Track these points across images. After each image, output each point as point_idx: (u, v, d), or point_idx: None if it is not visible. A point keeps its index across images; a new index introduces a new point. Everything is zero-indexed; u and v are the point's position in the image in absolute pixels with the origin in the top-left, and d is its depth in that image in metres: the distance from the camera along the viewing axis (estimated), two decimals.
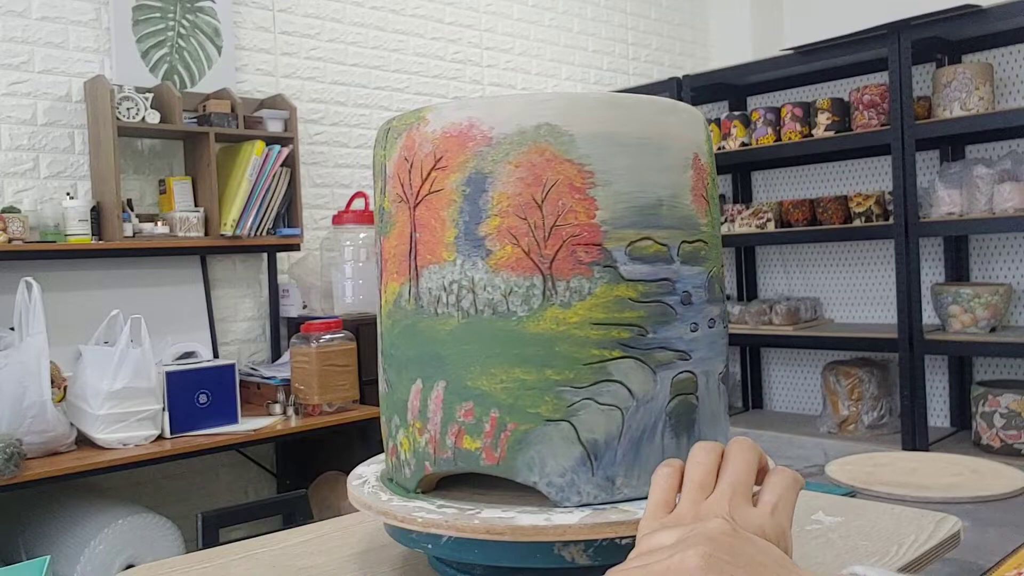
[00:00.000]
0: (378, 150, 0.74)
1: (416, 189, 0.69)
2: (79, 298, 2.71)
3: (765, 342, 3.72)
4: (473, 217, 0.66)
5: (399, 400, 0.72)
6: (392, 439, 0.74)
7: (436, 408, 0.68)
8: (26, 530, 2.43)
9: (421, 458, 0.70)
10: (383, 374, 0.76)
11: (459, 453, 0.67)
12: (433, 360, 0.68)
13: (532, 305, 0.65)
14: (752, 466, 0.54)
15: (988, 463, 1.44)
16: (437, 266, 0.67)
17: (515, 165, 0.66)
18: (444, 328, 0.67)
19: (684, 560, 0.44)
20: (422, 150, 0.68)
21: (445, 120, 0.68)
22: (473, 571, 0.71)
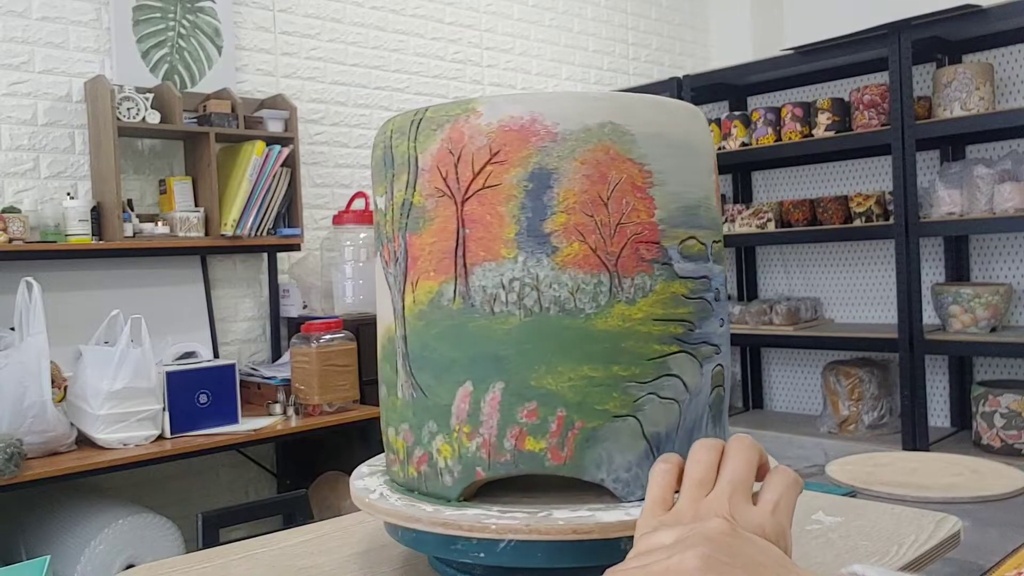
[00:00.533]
0: (399, 142, 0.70)
1: (466, 183, 0.67)
2: (79, 298, 2.71)
3: (765, 342, 3.72)
4: (537, 213, 0.65)
5: (437, 405, 0.69)
6: (422, 447, 0.70)
7: (492, 411, 0.66)
8: (26, 530, 2.43)
9: (470, 464, 0.67)
10: (406, 379, 0.71)
11: (520, 455, 0.66)
12: (488, 361, 0.66)
13: (599, 302, 0.65)
14: (752, 464, 0.54)
15: (988, 463, 1.44)
16: (494, 263, 0.66)
17: (581, 162, 0.66)
18: (502, 327, 0.66)
19: (683, 561, 0.44)
20: (473, 143, 0.67)
21: (502, 113, 0.66)
22: (473, 571, 0.71)
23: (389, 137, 0.72)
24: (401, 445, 0.72)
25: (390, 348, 0.73)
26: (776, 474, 0.54)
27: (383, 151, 0.72)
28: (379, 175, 0.73)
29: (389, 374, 0.73)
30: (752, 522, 0.50)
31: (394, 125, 0.71)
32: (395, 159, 0.71)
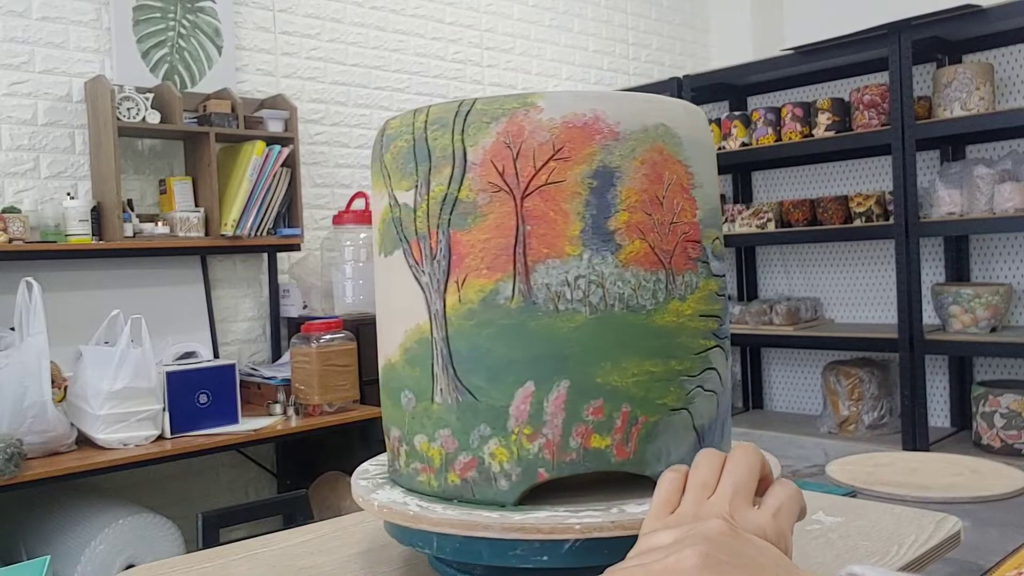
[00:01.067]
0: (439, 134, 0.68)
1: (526, 179, 0.66)
2: (79, 298, 2.71)
3: (765, 342, 3.72)
4: (601, 211, 0.66)
5: (491, 408, 0.66)
6: (469, 452, 0.67)
7: (556, 410, 0.66)
8: (26, 530, 2.43)
9: (531, 466, 0.66)
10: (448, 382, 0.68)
11: (587, 453, 0.66)
12: (553, 359, 0.65)
13: (658, 299, 0.67)
14: (755, 469, 0.54)
15: (988, 463, 1.44)
16: (558, 260, 0.65)
17: (640, 162, 0.67)
18: (568, 325, 0.65)
19: (681, 559, 0.44)
20: (534, 138, 0.66)
21: (564, 109, 0.66)
22: (473, 571, 0.71)
23: (423, 128, 0.69)
24: (437, 453, 0.69)
25: (420, 351, 0.69)
26: (779, 484, 0.54)
27: (410, 143, 0.69)
28: (401, 168, 0.70)
29: (417, 379, 0.70)
30: (753, 523, 0.50)
31: (428, 116, 0.68)
32: (432, 151, 0.68)
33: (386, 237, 0.72)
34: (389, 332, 0.73)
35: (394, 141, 0.71)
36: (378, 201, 0.74)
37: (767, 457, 0.77)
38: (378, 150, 0.74)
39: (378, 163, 0.73)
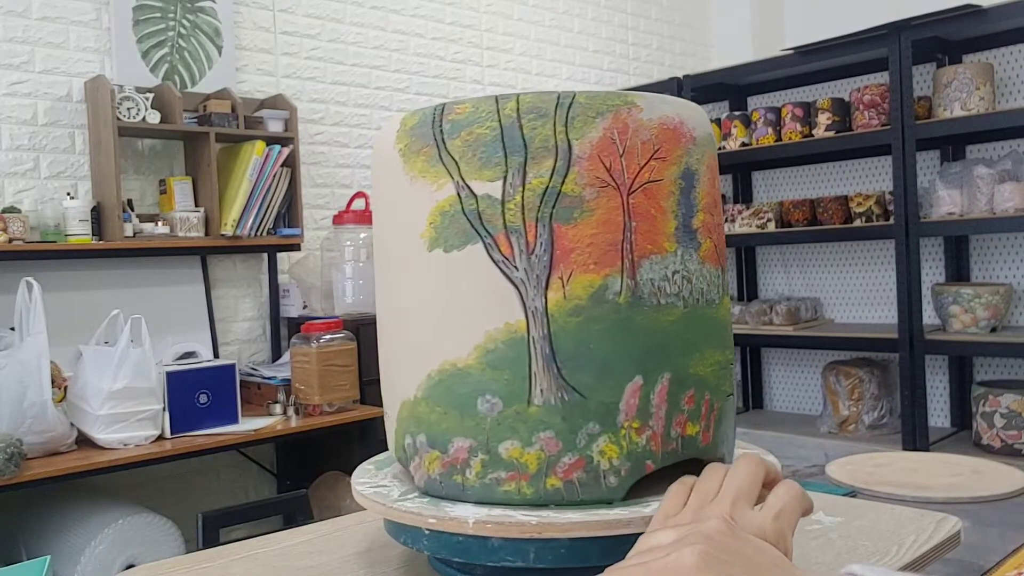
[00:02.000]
0: (538, 124, 0.66)
1: (632, 175, 0.66)
2: (79, 298, 2.71)
3: (765, 342, 3.72)
4: (687, 211, 0.69)
5: (600, 405, 0.65)
6: (575, 452, 0.66)
7: (661, 402, 0.67)
8: (26, 530, 2.43)
9: (640, 459, 0.66)
10: (551, 382, 0.65)
11: (684, 442, 0.68)
12: (657, 352, 0.67)
13: (720, 294, 0.72)
14: (757, 477, 0.55)
15: (988, 463, 1.44)
16: (659, 256, 0.67)
17: (707, 166, 0.72)
18: (668, 319, 0.67)
19: (680, 558, 0.45)
20: (637, 136, 0.67)
21: (659, 111, 0.68)
22: (474, 571, 0.71)
23: (514, 116, 0.66)
24: (535, 457, 0.66)
25: (510, 352, 0.65)
26: (783, 485, 0.55)
27: (495, 131, 0.66)
28: (481, 157, 0.66)
29: (506, 382, 0.66)
30: (752, 524, 0.51)
31: (519, 104, 0.66)
32: (530, 141, 0.66)
33: (449, 230, 0.67)
34: (449, 334, 0.68)
35: (467, 128, 0.67)
36: (426, 192, 0.68)
37: (768, 458, 0.78)
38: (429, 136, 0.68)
39: (431, 150, 0.68)
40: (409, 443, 0.71)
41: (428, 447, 0.69)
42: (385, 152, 0.72)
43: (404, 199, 0.70)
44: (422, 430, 0.70)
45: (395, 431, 0.74)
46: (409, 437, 0.71)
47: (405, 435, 0.72)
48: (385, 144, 0.73)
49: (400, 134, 0.70)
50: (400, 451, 0.73)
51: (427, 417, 0.69)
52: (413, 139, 0.69)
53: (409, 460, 0.72)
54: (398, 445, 0.74)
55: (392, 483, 0.75)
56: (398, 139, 0.70)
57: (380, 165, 0.74)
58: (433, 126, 0.68)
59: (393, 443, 0.75)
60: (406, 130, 0.70)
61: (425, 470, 0.70)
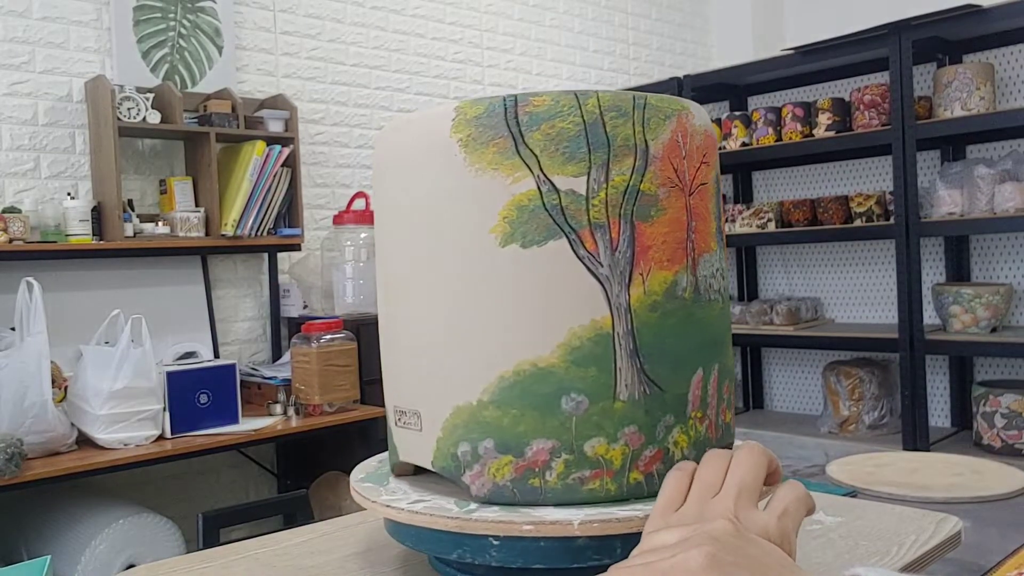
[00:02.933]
0: (619, 122, 0.66)
1: (691, 178, 0.70)
2: (80, 298, 2.71)
3: (766, 342, 3.72)
4: (718, 213, 0.74)
5: (674, 397, 0.68)
6: (656, 445, 0.67)
7: (714, 391, 0.71)
8: (26, 530, 2.43)
9: (702, 447, 0.69)
10: (634, 376, 0.66)
11: (725, 428, 0.73)
12: (711, 345, 0.71)
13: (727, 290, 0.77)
14: (760, 470, 0.54)
15: (989, 463, 1.44)
16: (708, 255, 0.71)
17: (718, 174, 0.76)
18: (714, 313, 0.71)
19: (688, 559, 0.44)
20: (692, 141, 0.70)
21: (703, 119, 0.72)
22: (474, 571, 0.71)
23: (597, 113, 0.66)
24: (620, 453, 0.66)
25: (597, 349, 0.66)
26: (787, 486, 0.54)
27: (579, 126, 0.66)
28: (565, 151, 0.66)
29: (593, 379, 0.66)
30: (757, 524, 0.50)
31: (600, 101, 0.66)
32: (612, 138, 0.66)
33: (528, 225, 0.66)
34: (528, 332, 0.66)
35: (548, 121, 0.66)
36: (498, 186, 0.66)
37: None
38: (502, 127, 0.66)
39: (505, 142, 0.66)
40: (466, 451, 0.68)
41: (497, 452, 0.67)
42: (429, 143, 0.69)
43: (466, 192, 0.67)
44: (489, 435, 0.67)
45: (440, 440, 0.69)
46: (466, 444, 0.68)
47: (460, 443, 0.68)
48: (428, 135, 0.69)
49: (459, 124, 0.67)
50: (447, 461, 0.69)
51: (497, 421, 0.66)
52: (479, 130, 0.66)
53: (464, 469, 0.68)
54: (445, 455, 0.69)
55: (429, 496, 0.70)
56: (456, 129, 0.67)
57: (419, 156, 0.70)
58: (507, 117, 0.66)
59: (433, 453, 0.70)
60: (467, 120, 0.67)
61: (490, 477, 0.67)
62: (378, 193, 0.75)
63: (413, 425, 0.71)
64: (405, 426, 0.72)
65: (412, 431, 0.71)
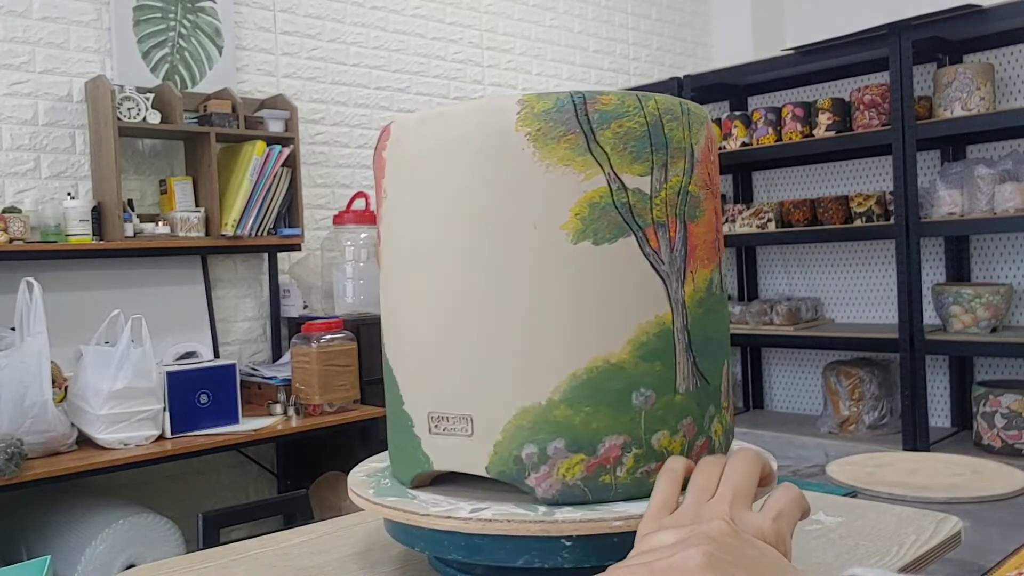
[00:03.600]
0: (674, 125, 0.69)
1: (715, 181, 0.74)
2: (80, 298, 2.71)
3: (766, 342, 3.72)
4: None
5: (714, 388, 0.71)
6: (703, 435, 0.70)
7: (728, 381, 0.75)
8: (26, 530, 2.43)
9: (730, 434, 0.75)
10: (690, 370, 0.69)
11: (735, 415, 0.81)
12: (728, 339, 0.76)
13: None
14: (754, 474, 0.55)
15: (989, 463, 1.44)
16: (721, 254, 0.76)
17: None
18: (726, 309, 0.77)
19: (686, 558, 0.45)
20: (714, 146, 0.74)
21: (709, 123, 0.75)
22: (474, 571, 0.71)
23: (657, 115, 0.68)
24: (679, 444, 0.68)
25: (660, 344, 0.67)
26: (781, 488, 0.55)
27: (643, 126, 0.67)
28: (632, 150, 0.67)
29: (659, 373, 0.67)
30: (752, 525, 0.50)
31: (658, 104, 0.68)
32: (669, 141, 0.68)
33: (600, 223, 0.66)
34: (600, 329, 0.66)
35: (617, 120, 0.66)
36: (570, 182, 0.66)
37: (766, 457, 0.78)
38: (573, 124, 0.66)
39: (577, 138, 0.66)
40: (531, 453, 0.66)
41: (567, 452, 0.66)
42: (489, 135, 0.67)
43: (535, 187, 0.66)
44: (559, 435, 0.66)
45: (498, 444, 0.67)
46: (532, 446, 0.66)
47: (524, 445, 0.66)
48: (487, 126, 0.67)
49: (526, 117, 0.66)
50: (508, 465, 0.66)
51: (568, 420, 0.66)
52: (549, 125, 0.66)
53: (528, 472, 0.66)
54: (505, 459, 0.66)
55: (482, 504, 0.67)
56: (523, 123, 0.66)
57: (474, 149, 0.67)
58: (577, 114, 0.66)
59: (488, 459, 0.67)
60: (535, 114, 0.66)
61: (559, 477, 0.66)
62: (403, 187, 0.71)
63: (459, 431, 0.68)
64: (446, 433, 0.69)
65: (457, 437, 0.68)
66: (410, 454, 0.71)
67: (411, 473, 0.72)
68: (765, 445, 0.82)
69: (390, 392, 0.74)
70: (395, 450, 0.75)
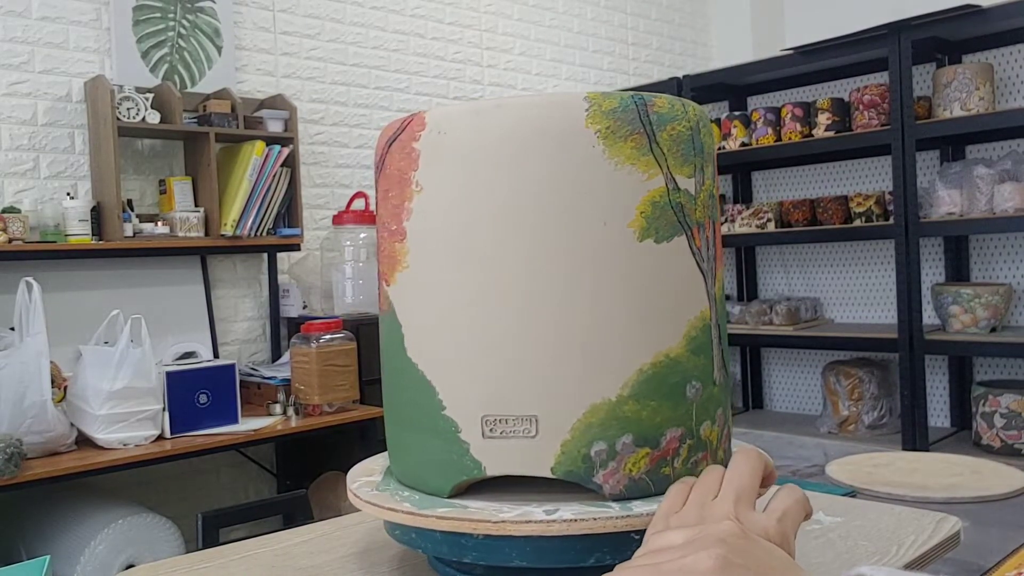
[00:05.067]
0: (706, 132, 0.72)
1: None
2: (79, 298, 2.71)
3: (765, 342, 3.72)
4: None
5: (729, 380, 0.76)
6: (728, 424, 0.74)
7: None
8: (26, 530, 2.43)
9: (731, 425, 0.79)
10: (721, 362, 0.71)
11: None
12: None
13: None
14: (756, 474, 0.55)
15: (988, 463, 1.44)
16: None
17: None
18: None
19: (698, 561, 0.45)
20: None
21: None
22: (473, 571, 0.71)
23: (696, 120, 0.70)
24: (715, 434, 0.71)
25: (704, 338, 0.70)
26: (785, 489, 0.55)
27: (689, 131, 0.69)
28: (682, 153, 0.69)
29: (703, 366, 0.70)
30: (757, 525, 0.51)
31: (695, 110, 0.71)
32: (704, 145, 0.71)
33: (659, 221, 0.68)
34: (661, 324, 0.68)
35: (671, 123, 0.68)
36: (636, 181, 0.67)
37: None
38: (637, 124, 0.67)
39: (641, 138, 0.67)
40: (601, 450, 0.66)
41: (634, 447, 0.67)
42: (557, 131, 0.66)
43: (605, 185, 0.66)
44: (627, 430, 0.66)
45: (566, 443, 0.66)
46: (602, 443, 0.66)
47: (594, 443, 0.66)
48: (554, 121, 0.66)
49: (596, 115, 0.66)
50: (576, 464, 0.66)
51: (636, 415, 0.66)
52: (617, 123, 0.66)
53: (597, 470, 0.66)
54: (574, 458, 0.66)
55: (551, 505, 0.66)
56: (593, 120, 0.66)
57: (539, 144, 0.66)
58: (640, 115, 0.67)
59: (555, 459, 0.66)
60: (603, 112, 0.66)
61: (626, 472, 0.66)
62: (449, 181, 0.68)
63: (521, 432, 0.66)
64: (504, 436, 0.67)
65: (518, 439, 0.66)
66: (453, 462, 0.68)
67: (453, 482, 0.68)
68: (765, 445, 0.82)
69: (420, 399, 0.69)
70: (425, 460, 0.70)
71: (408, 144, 0.69)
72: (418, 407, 0.70)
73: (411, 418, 0.71)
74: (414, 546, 0.71)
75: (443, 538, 0.68)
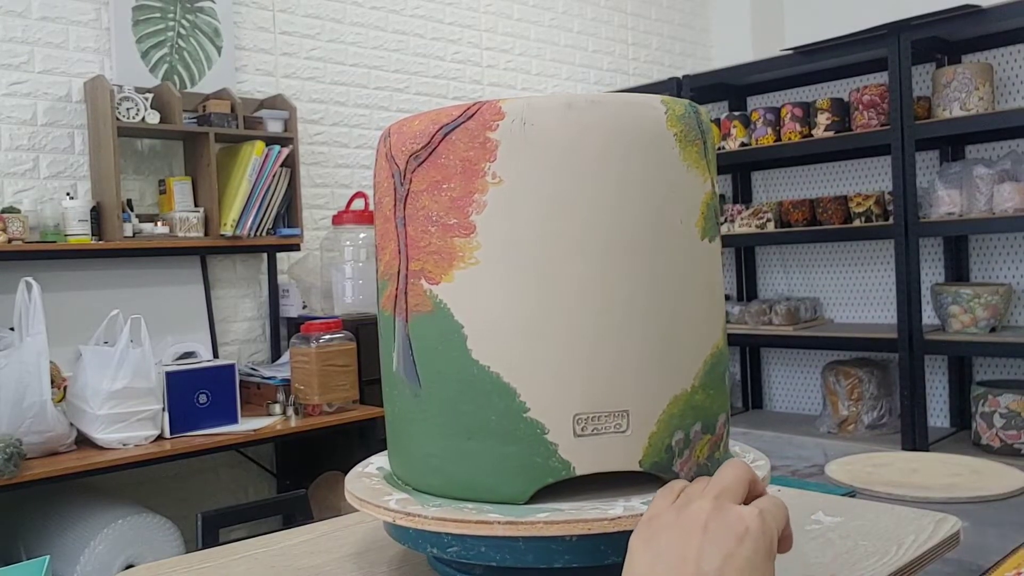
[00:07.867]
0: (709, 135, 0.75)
1: None
2: (79, 298, 2.71)
3: (765, 342, 3.72)
4: None
5: None
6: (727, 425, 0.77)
7: None
8: (26, 530, 2.43)
9: None
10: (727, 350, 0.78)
11: None
12: None
13: None
14: (740, 477, 0.55)
15: (988, 463, 1.44)
16: None
17: None
18: None
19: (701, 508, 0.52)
20: None
21: None
22: (473, 571, 0.71)
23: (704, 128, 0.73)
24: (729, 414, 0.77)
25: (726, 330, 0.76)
26: (767, 495, 0.56)
27: (712, 139, 0.74)
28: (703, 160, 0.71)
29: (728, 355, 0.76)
30: (734, 513, 0.52)
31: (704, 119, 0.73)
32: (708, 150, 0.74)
33: (711, 221, 0.72)
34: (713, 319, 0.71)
35: (708, 132, 0.73)
36: (698, 183, 0.70)
37: (763, 458, 0.78)
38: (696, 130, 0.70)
39: (700, 144, 0.70)
40: (679, 439, 0.68)
41: (702, 434, 0.70)
42: (640, 132, 0.67)
43: (678, 186, 0.69)
44: (698, 418, 0.69)
45: (653, 435, 0.66)
46: (680, 433, 0.68)
47: (675, 432, 0.67)
48: (638, 122, 0.67)
49: (672, 118, 0.68)
50: (660, 455, 0.67)
51: (703, 403, 0.70)
52: (686, 129, 0.70)
53: (676, 458, 0.67)
54: (658, 449, 0.67)
55: (624, 501, 0.66)
56: (671, 123, 0.68)
57: (623, 144, 0.66)
58: (698, 121, 0.72)
59: (643, 452, 0.66)
60: (677, 116, 0.69)
61: (695, 458, 0.69)
62: (540, 174, 0.65)
63: (616, 428, 0.66)
64: (596, 433, 0.65)
65: (612, 435, 0.66)
66: (536, 465, 0.65)
67: (536, 485, 0.65)
68: (764, 445, 0.82)
69: (494, 404, 0.66)
70: (496, 467, 0.66)
71: (480, 133, 0.65)
72: (490, 412, 0.66)
73: (479, 424, 0.66)
74: (485, 560, 0.66)
75: (527, 546, 0.64)
